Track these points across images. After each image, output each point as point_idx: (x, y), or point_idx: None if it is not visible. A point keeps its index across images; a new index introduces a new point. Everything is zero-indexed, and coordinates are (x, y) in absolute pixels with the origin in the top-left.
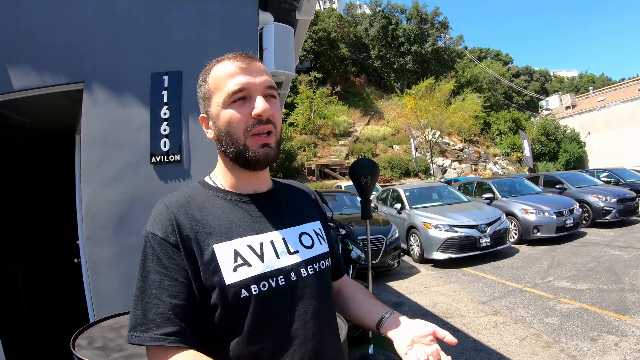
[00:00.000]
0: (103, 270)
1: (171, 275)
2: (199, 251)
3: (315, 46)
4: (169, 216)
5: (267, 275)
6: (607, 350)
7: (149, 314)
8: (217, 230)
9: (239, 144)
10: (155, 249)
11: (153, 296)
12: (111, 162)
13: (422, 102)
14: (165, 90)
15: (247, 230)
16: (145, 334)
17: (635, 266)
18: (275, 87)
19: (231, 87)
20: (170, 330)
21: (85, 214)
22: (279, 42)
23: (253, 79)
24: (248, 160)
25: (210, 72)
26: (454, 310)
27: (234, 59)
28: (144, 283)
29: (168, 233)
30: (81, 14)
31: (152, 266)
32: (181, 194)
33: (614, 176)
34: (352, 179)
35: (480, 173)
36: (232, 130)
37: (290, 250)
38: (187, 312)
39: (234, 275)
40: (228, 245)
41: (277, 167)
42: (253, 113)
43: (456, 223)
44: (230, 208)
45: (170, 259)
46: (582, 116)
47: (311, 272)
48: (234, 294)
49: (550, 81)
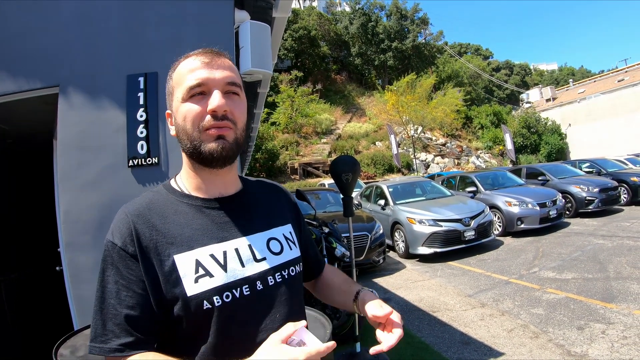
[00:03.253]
0: (84, 277)
1: (128, 286)
2: (159, 262)
3: (295, 45)
4: (128, 225)
5: (230, 286)
6: (594, 338)
7: (108, 325)
8: (178, 240)
9: (193, 140)
10: (114, 258)
11: (111, 306)
12: (89, 166)
13: (404, 98)
14: (142, 92)
15: (211, 238)
16: (104, 344)
17: (619, 254)
18: (239, 84)
19: (190, 82)
20: (128, 341)
21: (64, 220)
22: (255, 40)
23: (213, 74)
24: (203, 155)
25: (176, 68)
26: (440, 305)
27: (199, 55)
28: (103, 293)
29: (127, 243)
30: (55, 17)
31: (110, 276)
32: (143, 200)
33: (595, 166)
34: (333, 176)
35: (463, 167)
36: (187, 125)
37: (257, 258)
38: (145, 322)
39: (196, 286)
40: (189, 256)
41: (259, 166)
42: (208, 108)
43: (440, 217)
44: (194, 215)
45: (128, 269)
46: (563, 108)
47: (279, 280)
48: (195, 306)
49: (531, 74)
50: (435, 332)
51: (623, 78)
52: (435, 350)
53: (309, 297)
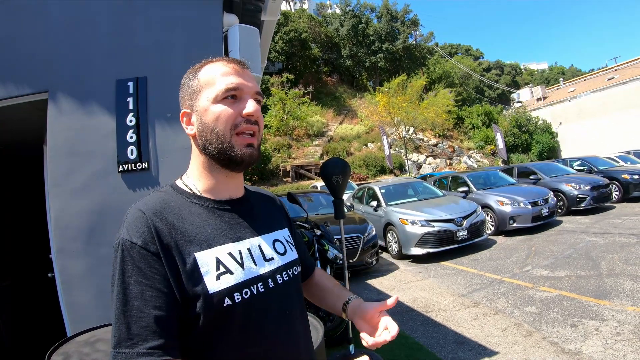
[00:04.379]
0: (76, 284)
1: (154, 286)
2: (181, 260)
3: (286, 47)
4: (147, 223)
5: (248, 283)
6: (588, 335)
7: (134, 328)
8: (197, 238)
9: (224, 141)
10: (135, 258)
11: (136, 308)
12: (79, 172)
13: (395, 99)
14: (131, 97)
15: (226, 237)
16: (131, 349)
17: (611, 251)
18: (262, 95)
19: (226, 84)
20: (158, 344)
21: (55, 227)
22: (244, 43)
23: (246, 82)
24: (232, 158)
25: (203, 68)
26: (434, 305)
27: (229, 61)
28: (125, 295)
29: (148, 241)
30: (43, 22)
31: (132, 276)
32: (156, 199)
33: (586, 164)
34: (324, 179)
35: (455, 167)
36: (220, 126)
37: (266, 257)
38: (172, 323)
39: (217, 283)
40: (209, 253)
41: (252, 170)
42: (244, 112)
43: (433, 218)
44: (207, 215)
45: (152, 268)
46: (553, 107)
47: (286, 278)
48: (217, 302)
49: (521, 74)
50: (429, 332)
51: (613, 76)
52: (430, 351)
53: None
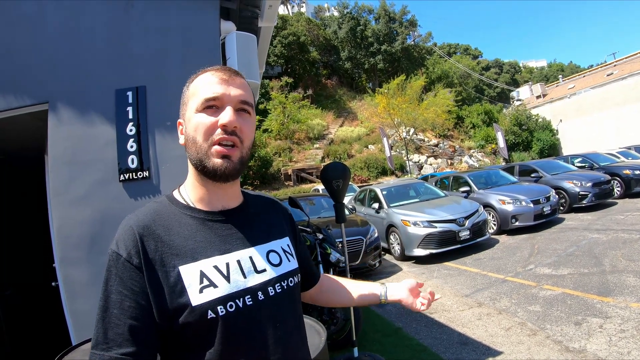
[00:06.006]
0: (80, 292)
1: (132, 297)
2: (164, 274)
3: (285, 51)
4: (133, 237)
5: (233, 296)
6: (592, 333)
7: (109, 333)
8: (182, 251)
9: (201, 151)
10: (119, 269)
11: (114, 316)
12: (80, 181)
13: (394, 101)
14: (130, 107)
15: (214, 250)
16: (106, 352)
17: (614, 247)
18: (251, 103)
19: (206, 94)
20: (130, 351)
21: (58, 236)
22: (241, 50)
23: (228, 91)
24: (206, 168)
25: (195, 79)
26: (437, 305)
27: (218, 71)
28: (106, 302)
29: (132, 255)
30: (41, 33)
31: (114, 286)
32: (147, 211)
33: (587, 161)
34: (324, 183)
35: (456, 167)
36: (197, 136)
37: (257, 269)
38: (147, 333)
39: (200, 296)
40: (194, 267)
41: (253, 174)
42: (219, 122)
43: (435, 219)
44: (197, 227)
45: (133, 280)
46: (553, 104)
47: (279, 290)
48: (200, 315)
49: (520, 72)
50: (433, 333)
51: (612, 72)
52: (434, 352)
53: (305, 306)
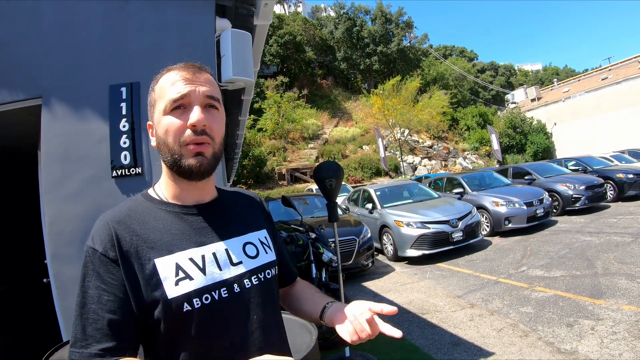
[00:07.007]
0: (71, 289)
1: (110, 291)
2: (140, 266)
3: (281, 50)
4: (109, 231)
5: (209, 288)
6: (583, 335)
7: (88, 329)
8: (158, 244)
9: (174, 153)
10: (95, 264)
11: (92, 311)
12: (72, 177)
13: (389, 102)
14: (124, 102)
15: (189, 242)
16: (84, 349)
17: (606, 250)
18: (217, 98)
19: (172, 95)
20: (109, 346)
21: (50, 232)
22: (236, 48)
23: (194, 89)
24: (181, 168)
25: (159, 80)
26: (430, 306)
27: (181, 69)
28: (84, 298)
29: (107, 248)
30: (36, 28)
31: (91, 281)
32: (123, 207)
33: (581, 164)
34: (317, 182)
35: (450, 168)
36: (168, 138)
37: (233, 262)
38: (126, 327)
39: (176, 289)
40: (169, 259)
41: (247, 173)
42: (188, 123)
43: (428, 219)
44: (172, 220)
45: (110, 274)
46: (548, 108)
47: (256, 283)
48: (176, 307)
49: (515, 75)
50: (425, 334)
51: (607, 76)
52: (425, 352)
53: None
